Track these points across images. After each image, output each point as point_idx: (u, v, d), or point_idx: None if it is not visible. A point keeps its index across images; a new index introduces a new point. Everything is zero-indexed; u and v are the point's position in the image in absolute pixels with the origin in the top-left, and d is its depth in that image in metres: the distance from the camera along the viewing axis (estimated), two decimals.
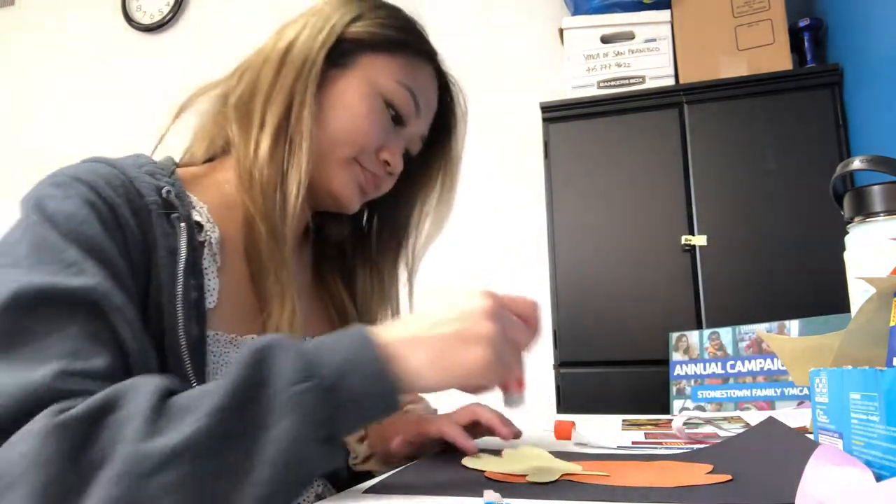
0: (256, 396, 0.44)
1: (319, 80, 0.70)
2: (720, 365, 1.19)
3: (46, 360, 0.46)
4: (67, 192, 0.55)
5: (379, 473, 0.65)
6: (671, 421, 0.83)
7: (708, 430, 0.76)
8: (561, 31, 1.76)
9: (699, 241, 1.50)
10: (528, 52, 2.11)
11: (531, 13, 2.12)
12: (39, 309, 0.48)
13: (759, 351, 1.14)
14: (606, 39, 1.71)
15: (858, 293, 0.62)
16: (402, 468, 0.60)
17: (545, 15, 2.07)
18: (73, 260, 0.51)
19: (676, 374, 1.26)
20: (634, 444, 0.70)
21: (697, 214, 1.52)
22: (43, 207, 0.54)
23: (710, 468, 0.51)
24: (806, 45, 1.67)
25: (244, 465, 0.43)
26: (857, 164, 0.63)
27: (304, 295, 0.78)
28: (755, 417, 0.79)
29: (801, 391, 1.05)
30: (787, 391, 1.07)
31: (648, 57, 1.66)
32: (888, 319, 0.48)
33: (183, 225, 0.61)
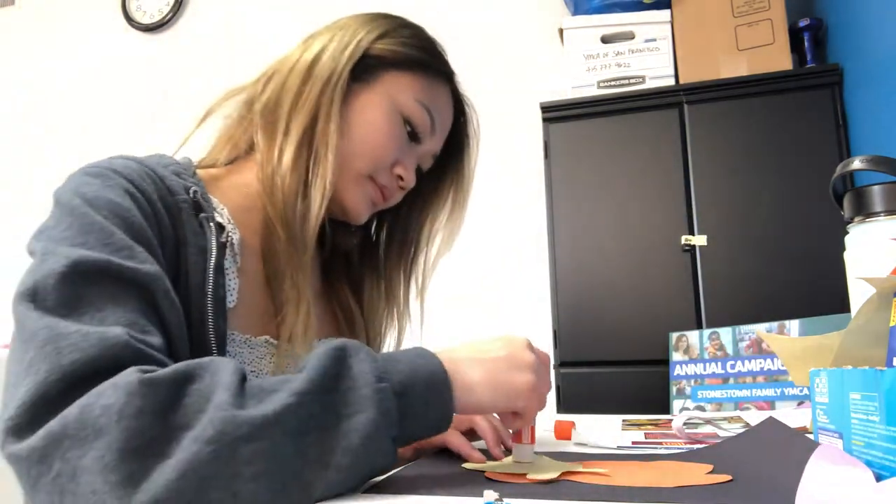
0: (337, 388, 0.46)
1: (344, 94, 0.71)
2: (720, 365, 1.19)
3: (113, 323, 0.47)
4: (106, 182, 0.57)
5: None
6: (671, 421, 0.83)
7: (708, 430, 0.76)
8: (561, 31, 1.76)
9: (699, 241, 1.50)
10: (528, 52, 2.11)
11: (531, 13, 2.12)
12: (96, 280, 0.49)
13: (759, 351, 1.14)
14: (606, 39, 1.71)
15: (858, 293, 0.62)
16: (401, 468, 0.60)
17: (545, 15, 2.07)
18: (123, 244, 0.52)
19: (676, 374, 1.26)
20: (634, 444, 0.70)
21: (697, 214, 1.52)
22: (84, 193, 0.55)
23: (710, 468, 0.51)
24: (806, 45, 1.67)
25: (326, 448, 0.44)
26: (857, 164, 0.63)
27: (315, 298, 0.79)
28: (755, 417, 0.79)
29: (801, 391, 1.05)
30: (787, 391, 1.07)
31: (648, 57, 1.66)
32: (888, 319, 0.48)
33: (212, 225, 0.63)
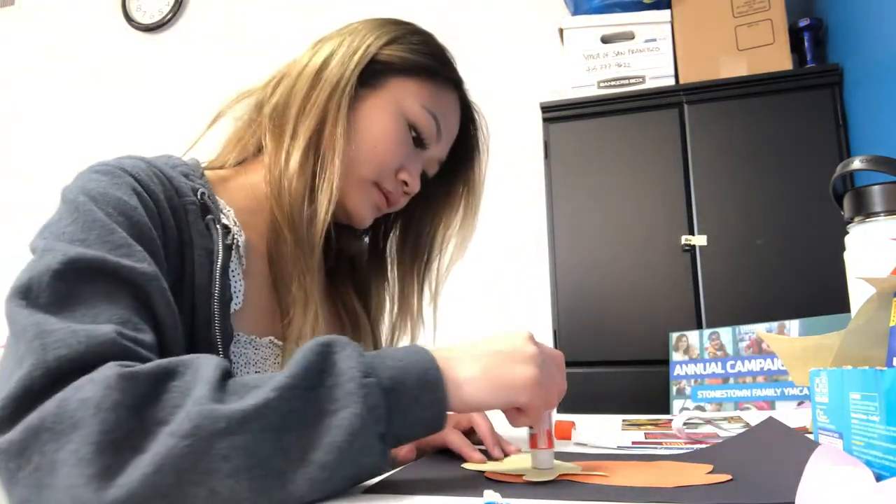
0: (321, 383, 0.45)
1: (351, 99, 0.72)
2: (720, 365, 1.19)
3: (105, 321, 0.47)
4: (114, 180, 0.57)
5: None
6: (671, 421, 0.83)
7: (708, 430, 0.76)
8: (561, 31, 1.76)
9: (699, 241, 1.50)
10: (528, 52, 2.11)
11: (531, 13, 2.12)
12: (91, 278, 0.49)
13: (759, 351, 1.14)
14: (606, 39, 1.71)
15: (858, 293, 0.62)
16: (401, 468, 0.60)
17: (545, 15, 2.06)
18: (122, 242, 0.52)
19: (676, 374, 1.26)
20: (634, 444, 0.70)
21: (697, 214, 1.52)
22: (90, 190, 0.55)
23: (710, 468, 0.51)
24: (806, 45, 1.67)
25: (307, 444, 0.43)
26: (857, 164, 0.63)
27: (320, 301, 0.79)
28: (755, 417, 0.79)
29: (801, 391, 1.05)
30: (787, 391, 1.07)
31: (648, 57, 1.66)
32: (888, 319, 0.48)
33: (219, 227, 0.63)
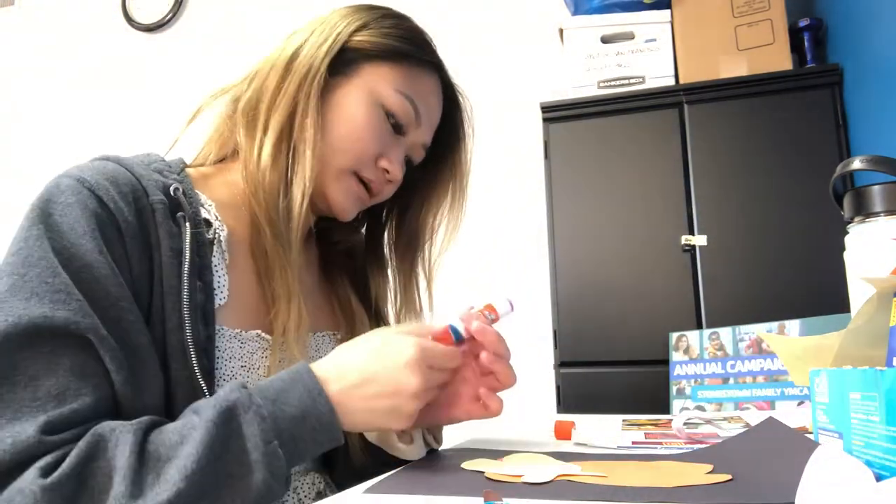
0: (227, 451, 0.50)
1: (322, 88, 0.71)
2: (720, 365, 1.19)
3: (36, 407, 0.49)
4: (69, 199, 0.56)
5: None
6: (671, 421, 0.83)
7: (708, 430, 0.76)
8: (561, 31, 1.76)
9: (699, 241, 1.50)
10: (528, 52, 2.11)
11: (531, 13, 2.12)
12: (30, 345, 0.51)
13: (759, 351, 1.14)
14: (606, 39, 1.71)
15: (858, 293, 0.62)
16: (401, 468, 0.60)
17: (545, 15, 2.07)
18: (61, 286, 0.52)
19: (676, 374, 1.26)
20: (634, 444, 0.70)
21: (697, 214, 1.52)
22: (47, 216, 0.55)
23: (710, 468, 0.51)
24: (806, 45, 1.67)
25: None
26: (857, 164, 0.63)
27: (310, 293, 0.79)
28: (755, 417, 0.79)
29: (801, 391, 1.05)
30: (787, 391, 1.07)
31: (648, 57, 1.66)
32: (888, 319, 0.48)
33: (188, 224, 0.62)
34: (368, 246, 0.88)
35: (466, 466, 0.58)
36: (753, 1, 1.60)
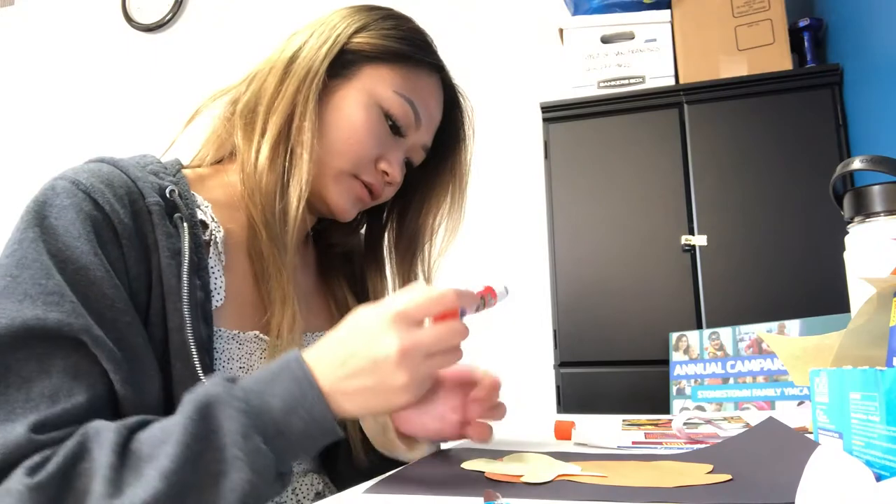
0: (208, 447, 0.47)
1: (321, 90, 0.71)
2: (720, 365, 1.19)
3: (28, 407, 0.49)
4: (64, 201, 0.56)
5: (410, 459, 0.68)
6: (671, 421, 0.83)
7: (708, 430, 0.76)
8: (561, 31, 1.76)
9: (699, 241, 1.50)
10: (528, 52, 2.11)
11: (531, 13, 2.12)
12: (22, 347, 0.50)
13: (759, 351, 1.14)
14: (606, 39, 1.71)
15: (858, 293, 0.62)
16: (401, 468, 0.60)
17: (545, 15, 2.07)
18: (54, 288, 0.52)
19: (676, 374, 1.26)
20: (634, 444, 0.70)
21: (697, 214, 1.52)
22: (42, 219, 0.55)
23: (710, 468, 0.51)
24: (806, 45, 1.67)
25: None
26: (857, 164, 0.63)
27: (306, 295, 0.79)
28: (755, 417, 0.79)
29: (801, 391, 1.05)
30: (787, 391, 1.07)
31: (648, 57, 1.66)
32: (888, 319, 0.48)
33: (186, 225, 0.62)
34: (367, 247, 0.88)
35: (466, 466, 0.58)
36: (753, 1, 1.60)
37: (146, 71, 2.55)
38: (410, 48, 0.74)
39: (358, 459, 0.73)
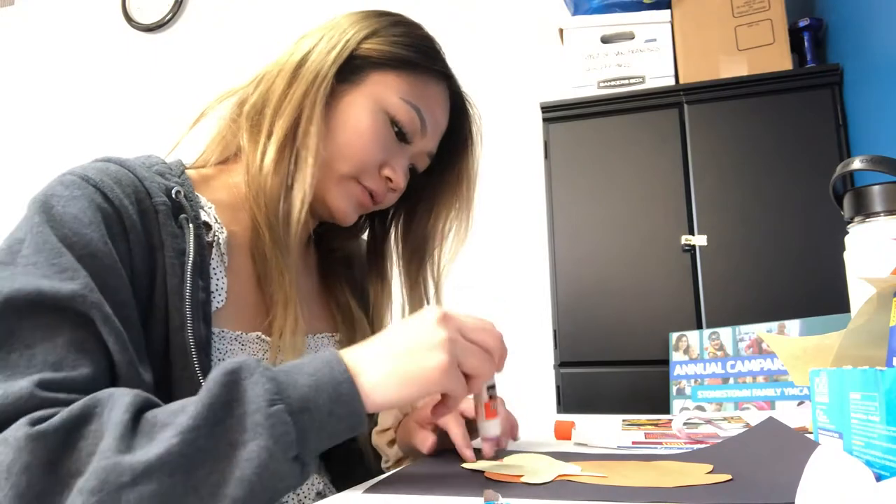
0: (230, 414, 0.45)
1: (329, 95, 0.71)
2: (720, 365, 1.19)
3: (31, 369, 0.47)
4: (74, 192, 0.56)
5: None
6: (671, 421, 0.83)
7: (708, 430, 0.76)
8: (561, 31, 1.76)
9: (699, 241, 1.50)
10: (528, 52, 2.11)
11: (531, 13, 2.12)
12: (29, 315, 0.49)
13: (759, 351, 1.14)
14: (606, 39, 1.71)
15: (858, 293, 0.62)
16: (401, 468, 0.60)
17: (545, 15, 2.07)
18: (67, 265, 0.52)
19: (676, 374, 1.26)
20: (634, 444, 0.70)
21: (697, 214, 1.52)
22: (49, 208, 0.55)
23: (710, 468, 0.51)
24: (806, 45, 1.67)
25: (218, 480, 0.44)
26: (857, 164, 0.63)
27: (308, 297, 0.79)
28: (755, 417, 0.79)
29: (801, 391, 1.05)
30: (787, 391, 1.07)
31: (648, 57, 1.66)
32: (888, 319, 0.48)
33: (191, 226, 0.62)
34: (370, 251, 0.88)
35: (466, 466, 0.58)
36: (753, 1, 1.60)
37: (146, 71, 2.55)
38: (418, 55, 0.74)
39: (367, 458, 0.73)
